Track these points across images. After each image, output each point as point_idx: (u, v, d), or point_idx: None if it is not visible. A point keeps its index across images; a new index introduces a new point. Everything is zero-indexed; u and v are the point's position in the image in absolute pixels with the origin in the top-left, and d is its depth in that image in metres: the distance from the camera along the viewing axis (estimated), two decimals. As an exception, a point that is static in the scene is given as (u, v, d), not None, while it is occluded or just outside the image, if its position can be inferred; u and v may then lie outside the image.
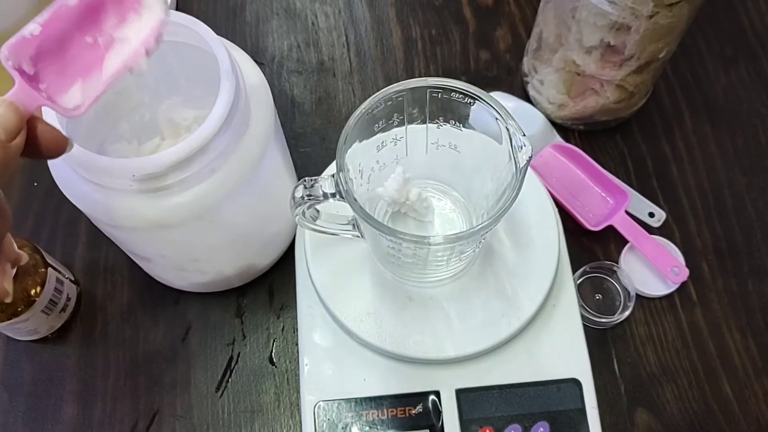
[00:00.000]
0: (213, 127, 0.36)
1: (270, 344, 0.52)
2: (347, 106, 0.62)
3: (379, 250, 0.41)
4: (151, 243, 0.44)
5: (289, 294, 0.53)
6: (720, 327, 0.53)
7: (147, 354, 0.52)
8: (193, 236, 0.43)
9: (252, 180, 0.41)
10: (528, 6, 0.67)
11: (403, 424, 0.42)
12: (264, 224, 0.49)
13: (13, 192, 0.58)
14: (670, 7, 0.45)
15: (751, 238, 0.56)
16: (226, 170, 0.39)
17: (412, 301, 0.43)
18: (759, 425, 0.49)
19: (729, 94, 0.62)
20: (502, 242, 0.45)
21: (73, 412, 0.50)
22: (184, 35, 0.40)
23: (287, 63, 0.64)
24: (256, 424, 0.50)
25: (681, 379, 0.51)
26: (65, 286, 0.51)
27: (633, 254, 0.54)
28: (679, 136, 0.60)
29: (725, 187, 0.58)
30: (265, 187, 0.45)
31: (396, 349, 0.42)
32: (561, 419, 0.42)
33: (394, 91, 0.37)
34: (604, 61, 0.51)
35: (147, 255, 0.48)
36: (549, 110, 0.59)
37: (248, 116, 0.40)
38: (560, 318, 0.44)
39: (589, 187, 0.56)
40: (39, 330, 0.50)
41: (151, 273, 0.52)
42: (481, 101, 0.36)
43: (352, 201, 0.35)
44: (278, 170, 0.47)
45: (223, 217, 0.41)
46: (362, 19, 0.66)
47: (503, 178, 0.37)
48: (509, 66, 0.64)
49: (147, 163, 0.35)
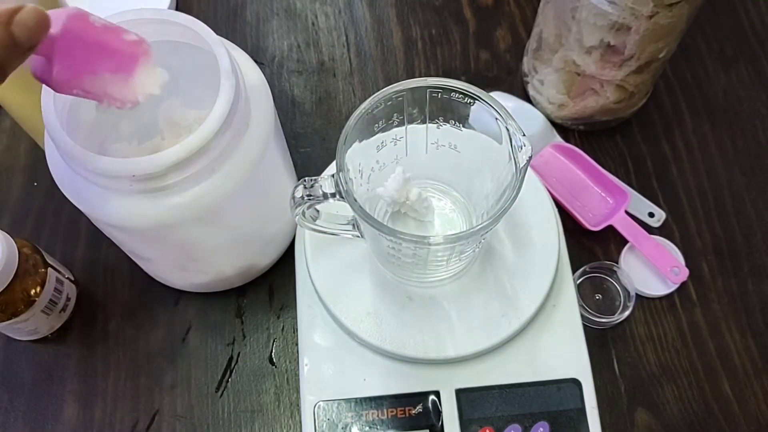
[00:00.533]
0: (213, 127, 0.36)
1: (270, 344, 0.52)
2: (347, 106, 0.62)
3: (379, 250, 0.41)
4: (151, 243, 0.44)
5: (289, 294, 0.53)
6: (720, 327, 0.53)
7: (147, 354, 0.52)
8: (193, 236, 0.43)
9: (252, 180, 0.41)
10: (528, 6, 0.67)
11: (403, 424, 0.42)
12: (264, 224, 0.49)
13: (13, 192, 0.58)
14: (670, 7, 0.45)
15: (750, 238, 0.56)
16: (226, 170, 0.39)
17: (412, 301, 0.43)
18: (759, 425, 0.49)
19: (729, 94, 0.62)
20: (502, 242, 0.45)
21: (73, 412, 0.50)
22: (184, 35, 0.40)
23: (287, 63, 0.64)
24: (256, 424, 0.50)
25: (681, 379, 0.51)
26: (65, 286, 0.51)
27: (633, 254, 0.54)
28: (679, 136, 0.60)
29: (725, 187, 0.58)
30: (265, 187, 0.45)
31: (396, 349, 0.42)
32: (561, 419, 0.42)
33: (394, 91, 0.37)
34: (604, 61, 0.52)
35: (147, 255, 0.48)
36: (549, 110, 0.59)
37: (248, 116, 0.40)
38: (560, 318, 0.44)
39: (589, 187, 0.56)
40: (39, 330, 0.50)
41: (151, 273, 0.52)
42: (481, 101, 0.36)
43: (352, 201, 0.35)
44: (278, 170, 0.47)
45: (223, 217, 0.41)
46: (362, 19, 0.66)
47: (503, 178, 0.37)
48: (509, 66, 0.64)
49: (147, 163, 0.35)
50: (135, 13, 0.39)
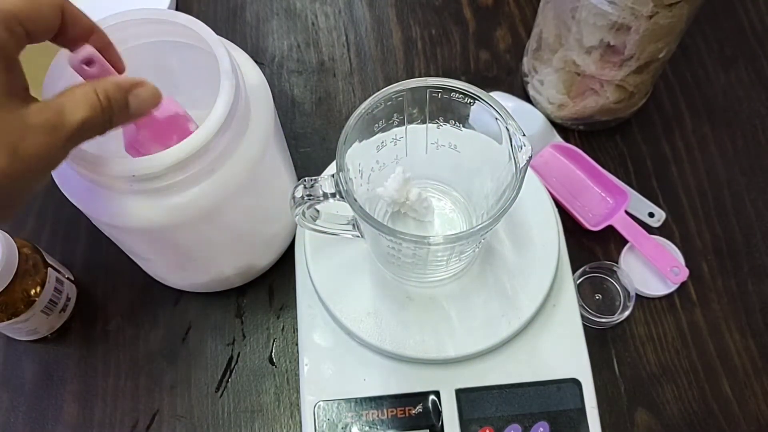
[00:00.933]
0: (213, 128, 0.36)
1: (270, 344, 0.52)
2: (347, 106, 0.62)
3: (379, 250, 0.41)
4: (151, 243, 0.44)
5: (289, 294, 0.53)
6: (720, 327, 0.53)
7: (147, 354, 0.52)
8: (193, 236, 0.43)
9: (252, 180, 0.41)
10: (528, 6, 0.67)
11: (403, 424, 0.42)
12: (264, 224, 0.49)
13: (13, 192, 0.58)
14: (669, 7, 0.45)
15: (750, 238, 0.56)
16: (226, 170, 0.39)
17: (412, 301, 0.43)
18: (759, 425, 0.49)
19: (729, 95, 0.62)
20: (502, 242, 0.45)
21: (73, 412, 0.50)
22: (184, 35, 0.40)
23: (287, 63, 0.64)
24: (256, 424, 0.50)
25: (681, 379, 0.51)
26: (65, 286, 0.51)
27: (633, 254, 0.54)
28: (679, 137, 0.60)
29: (725, 187, 0.58)
30: (265, 187, 0.45)
31: (396, 349, 0.42)
32: (561, 419, 0.42)
33: (394, 91, 0.37)
34: (604, 62, 0.52)
35: (147, 255, 0.48)
36: (549, 110, 0.59)
37: (248, 116, 0.40)
38: (560, 318, 0.44)
39: (589, 187, 0.56)
40: (39, 330, 0.50)
41: (151, 273, 0.52)
42: (481, 101, 0.36)
43: (352, 201, 0.35)
44: (278, 170, 0.47)
45: (222, 217, 0.41)
46: (362, 19, 0.66)
47: (503, 178, 0.37)
48: (509, 66, 0.64)
49: (147, 163, 0.35)
50: (135, 13, 0.39)
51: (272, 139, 0.42)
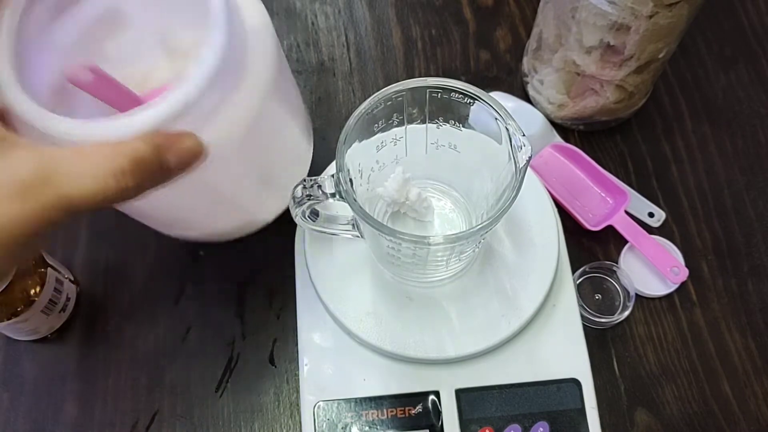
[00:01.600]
0: (196, 88, 0.30)
1: (270, 344, 0.52)
2: (347, 106, 0.62)
3: (379, 250, 0.41)
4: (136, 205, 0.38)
5: (289, 294, 0.53)
6: (720, 327, 0.53)
7: (147, 354, 0.52)
8: (178, 198, 0.38)
9: (248, 140, 0.35)
10: (528, 6, 0.67)
11: (403, 424, 0.42)
12: (266, 183, 0.44)
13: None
14: (669, 7, 0.45)
15: (750, 238, 0.56)
16: (213, 131, 0.33)
17: (412, 301, 0.43)
18: (759, 425, 0.49)
19: (728, 95, 0.62)
20: (502, 242, 0.45)
21: (73, 411, 0.50)
22: None
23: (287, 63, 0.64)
24: (256, 424, 0.50)
25: (681, 379, 0.51)
26: (65, 286, 0.51)
27: (633, 254, 0.54)
28: (679, 137, 0.60)
29: (725, 187, 0.58)
30: (266, 146, 0.39)
31: (396, 349, 0.42)
32: (561, 419, 0.42)
33: (393, 91, 0.37)
34: (604, 62, 0.52)
35: (137, 215, 0.44)
36: (549, 110, 0.59)
37: (245, 67, 0.33)
38: (560, 318, 0.44)
39: (588, 187, 0.56)
40: (39, 330, 0.50)
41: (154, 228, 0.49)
42: (480, 101, 0.36)
43: (352, 201, 0.35)
44: (282, 126, 0.41)
45: (210, 181, 0.37)
46: (362, 19, 0.66)
47: (503, 178, 0.37)
48: (509, 66, 0.64)
49: (121, 127, 0.30)
50: None
51: (273, 91, 0.36)
